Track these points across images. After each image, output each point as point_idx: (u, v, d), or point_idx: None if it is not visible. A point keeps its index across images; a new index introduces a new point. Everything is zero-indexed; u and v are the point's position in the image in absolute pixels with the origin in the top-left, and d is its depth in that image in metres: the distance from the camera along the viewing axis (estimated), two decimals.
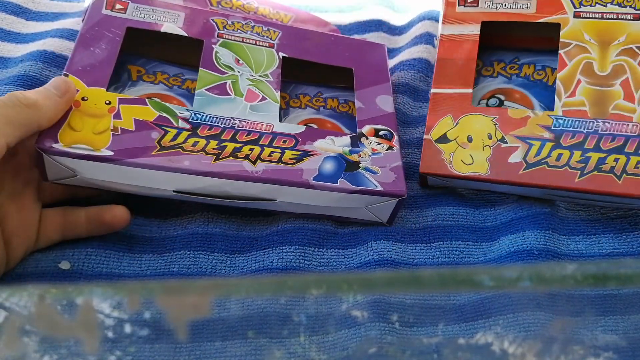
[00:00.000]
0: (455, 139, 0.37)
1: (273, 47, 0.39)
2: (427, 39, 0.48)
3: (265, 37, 0.40)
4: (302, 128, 0.36)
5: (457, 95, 0.38)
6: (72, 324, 0.20)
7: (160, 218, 0.36)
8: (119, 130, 0.32)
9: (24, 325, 0.20)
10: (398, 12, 0.52)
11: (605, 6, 0.37)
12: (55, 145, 0.30)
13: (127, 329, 0.22)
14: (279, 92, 0.37)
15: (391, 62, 0.47)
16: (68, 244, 0.33)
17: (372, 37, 0.49)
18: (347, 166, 0.34)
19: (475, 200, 0.39)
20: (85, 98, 0.33)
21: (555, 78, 0.38)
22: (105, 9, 0.38)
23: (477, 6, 0.39)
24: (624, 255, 0.35)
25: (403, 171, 0.35)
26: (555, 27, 0.38)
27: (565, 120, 0.36)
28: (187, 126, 0.33)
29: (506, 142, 0.36)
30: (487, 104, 0.41)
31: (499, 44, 0.42)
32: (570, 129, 0.35)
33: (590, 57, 0.37)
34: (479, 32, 0.39)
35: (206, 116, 0.34)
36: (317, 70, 0.41)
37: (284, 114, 0.40)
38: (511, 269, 0.22)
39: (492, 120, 0.36)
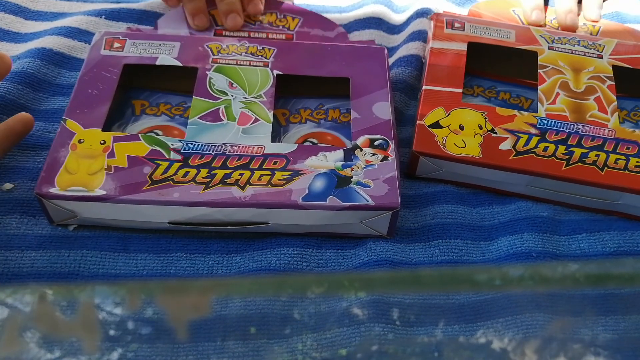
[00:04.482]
0: (447, 126, 0.38)
1: (267, 66, 0.39)
2: (424, 36, 0.46)
3: (259, 57, 0.40)
4: (295, 147, 0.35)
5: (448, 92, 0.40)
6: (74, 323, 0.20)
7: None
8: (112, 169, 0.33)
9: (26, 324, 0.20)
10: (398, 12, 0.50)
11: (573, 46, 0.43)
12: (52, 190, 0.32)
13: (128, 327, 0.23)
14: (272, 112, 0.37)
15: (390, 60, 0.45)
16: (63, 246, 0.34)
17: (371, 35, 0.48)
18: (338, 182, 0.34)
19: (473, 198, 0.38)
20: (82, 140, 0.35)
21: (530, 104, 0.43)
22: (104, 49, 0.39)
23: (463, 30, 0.43)
24: (628, 253, 0.34)
25: (397, 181, 0.34)
26: (532, 55, 0.42)
27: (548, 120, 0.38)
28: (179, 157, 0.34)
29: (496, 133, 0.38)
30: None
31: (477, 74, 0.45)
32: (554, 128, 0.38)
33: (565, 78, 0.41)
34: (465, 49, 0.42)
35: (198, 145, 0.35)
36: (317, 82, 0.40)
37: (283, 131, 0.40)
38: (512, 269, 0.22)
39: (482, 114, 0.39)
